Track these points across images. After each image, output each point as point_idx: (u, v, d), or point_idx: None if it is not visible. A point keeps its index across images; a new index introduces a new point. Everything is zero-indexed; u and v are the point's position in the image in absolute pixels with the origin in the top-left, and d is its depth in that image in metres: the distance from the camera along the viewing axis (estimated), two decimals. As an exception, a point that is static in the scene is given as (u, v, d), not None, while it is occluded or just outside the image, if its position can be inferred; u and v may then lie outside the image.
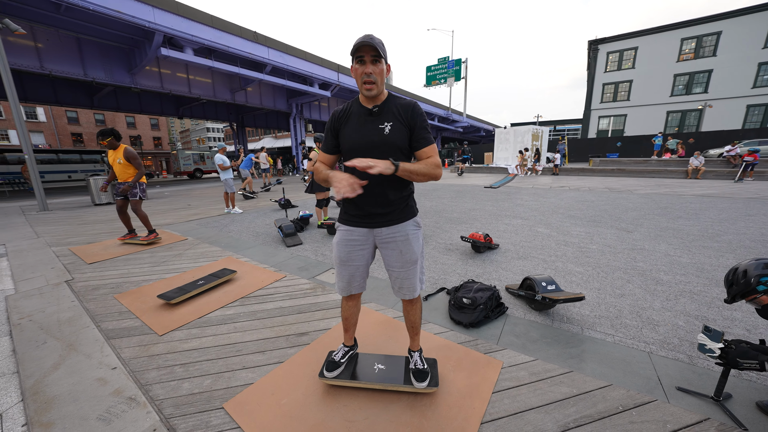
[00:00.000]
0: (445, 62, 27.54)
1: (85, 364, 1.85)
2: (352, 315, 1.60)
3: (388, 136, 1.29)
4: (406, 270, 1.42)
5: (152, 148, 38.11)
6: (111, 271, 3.36)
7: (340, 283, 1.51)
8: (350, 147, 1.34)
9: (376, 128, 1.30)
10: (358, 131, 1.32)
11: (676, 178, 12.57)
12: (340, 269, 1.47)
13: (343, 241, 1.44)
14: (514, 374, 1.71)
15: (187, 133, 78.06)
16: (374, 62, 1.22)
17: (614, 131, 24.54)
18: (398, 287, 1.48)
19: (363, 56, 1.21)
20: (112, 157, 4.06)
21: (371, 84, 1.24)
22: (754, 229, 4.53)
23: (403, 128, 1.31)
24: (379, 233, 1.40)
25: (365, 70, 1.23)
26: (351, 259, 1.44)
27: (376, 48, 1.19)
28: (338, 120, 1.38)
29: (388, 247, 1.41)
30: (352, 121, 1.35)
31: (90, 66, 12.78)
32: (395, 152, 1.31)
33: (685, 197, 7.70)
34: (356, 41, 1.23)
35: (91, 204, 8.90)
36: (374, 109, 1.30)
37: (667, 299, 2.50)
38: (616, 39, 23.65)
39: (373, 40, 1.20)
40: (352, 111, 1.36)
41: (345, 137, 1.36)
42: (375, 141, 1.30)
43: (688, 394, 1.56)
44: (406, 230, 1.39)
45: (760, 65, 19.38)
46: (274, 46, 16.13)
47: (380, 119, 1.31)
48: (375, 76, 1.24)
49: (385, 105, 1.32)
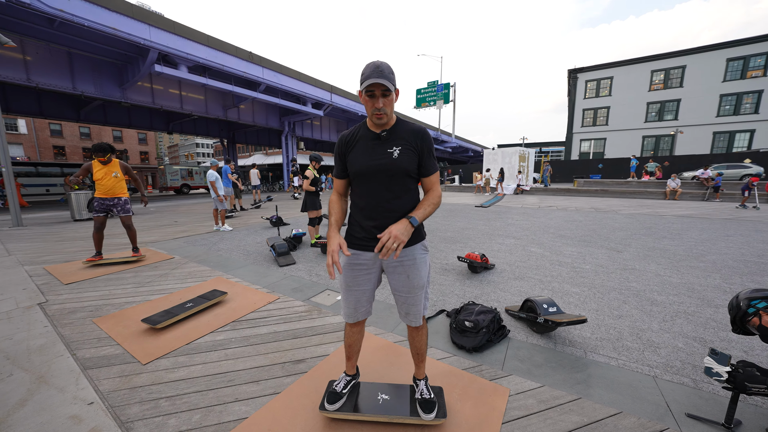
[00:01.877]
0: (435, 86, 28.68)
1: (58, 399, 1.68)
2: (355, 342, 1.52)
3: (397, 160, 1.28)
4: (414, 295, 1.38)
5: (138, 163, 37.34)
6: (90, 293, 3.15)
7: (346, 309, 1.44)
8: (357, 171, 1.33)
9: (385, 152, 1.29)
10: (366, 155, 1.31)
11: (655, 198, 13.15)
12: (347, 294, 1.41)
13: (349, 266, 1.38)
14: (523, 402, 1.65)
15: (176, 148, 77.28)
16: (384, 95, 1.22)
17: (595, 153, 25.78)
18: (405, 313, 1.43)
19: (373, 91, 1.20)
20: (104, 170, 3.94)
21: (381, 115, 1.25)
22: (734, 249, 4.72)
23: (413, 153, 1.30)
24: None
25: (376, 104, 1.22)
26: (357, 283, 1.39)
27: (386, 84, 1.18)
28: (345, 145, 1.37)
29: (396, 272, 1.37)
30: (360, 145, 1.33)
31: (80, 80, 12.65)
32: (403, 176, 1.30)
33: (666, 218, 8.01)
34: (365, 74, 1.20)
35: (70, 219, 8.51)
36: (382, 134, 1.30)
37: (664, 320, 2.52)
38: (593, 69, 25.39)
39: (382, 76, 1.18)
40: (360, 135, 1.35)
41: (352, 162, 1.34)
42: (383, 164, 1.28)
43: (699, 421, 1.53)
44: (414, 254, 1.35)
45: (722, 96, 21.09)
46: (268, 66, 16.48)
47: (388, 144, 1.30)
48: (385, 109, 1.24)
49: (393, 130, 1.32)
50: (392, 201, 1.31)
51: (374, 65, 1.20)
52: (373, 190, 1.31)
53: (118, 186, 4.03)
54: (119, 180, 4.02)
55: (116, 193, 4.04)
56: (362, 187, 1.34)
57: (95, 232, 4.02)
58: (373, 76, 1.18)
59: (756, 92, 20.14)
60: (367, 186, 1.32)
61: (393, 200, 1.31)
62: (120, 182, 4.04)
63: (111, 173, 3.95)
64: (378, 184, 1.30)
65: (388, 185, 1.30)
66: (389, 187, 1.30)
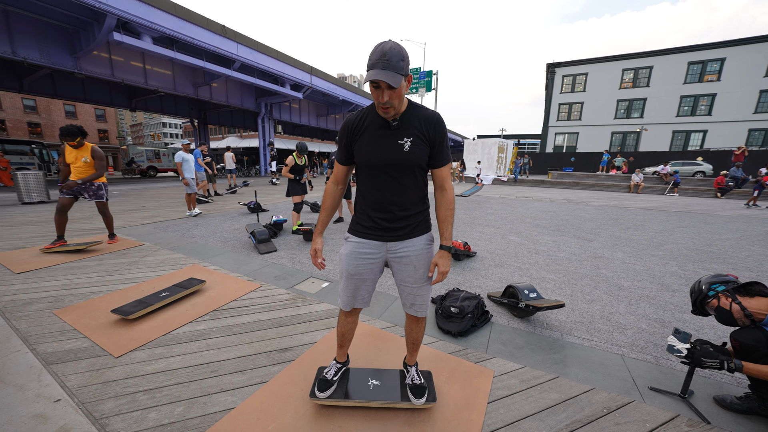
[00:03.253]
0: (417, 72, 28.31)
1: (17, 398, 1.54)
2: (349, 331, 1.50)
3: (408, 153, 1.19)
4: (420, 286, 1.35)
5: (97, 142, 34.20)
6: (48, 282, 2.89)
7: (344, 297, 1.40)
8: (366, 162, 1.25)
9: (395, 144, 1.19)
10: (375, 145, 1.21)
11: (621, 191, 14.06)
12: (347, 282, 1.37)
13: (353, 254, 1.33)
14: (506, 383, 1.73)
15: (140, 127, 71.54)
16: (391, 87, 1.08)
17: (568, 147, 26.94)
18: (410, 303, 1.39)
19: (378, 83, 1.08)
20: (74, 154, 3.69)
21: (388, 108, 1.13)
22: (687, 239, 5.17)
23: (424, 144, 1.21)
24: (392, 247, 1.32)
25: (381, 99, 1.10)
26: (360, 273, 1.34)
27: (390, 82, 1.04)
28: (352, 131, 1.26)
29: (401, 263, 1.33)
30: (369, 133, 1.23)
31: (20, 44, 11.12)
32: (412, 170, 1.23)
33: (630, 209, 8.61)
34: (369, 63, 1.06)
35: (17, 202, 7.69)
36: (394, 122, 1.19)
37: (630, 304, 2.73)
38: (570, 64, 26.17)
39: (388, 67, 1.03)
40: (369, 121, 1.23)
41: (360, 151, 1.25)
42: (393, 158, 1.20)
43: (660, 393, 1.69)
44: (421, 245, 1.32)
45: (682, 98, 22.61)
46: (244, 42, 15.43)
47: (400, 133, 1.19)
48: (392, 102, 1.11)
49: (405, 117, 1.20)
50: (401, 194, 1.26)
51: (380, 51, 1.05)
52: (381, 183, 1.25)
53: (87, 171, 3.78)
54: (89, 165, 3.78)
55: (84, 177, 3.76)
56: (370, 179, 1.27)
57: (57, 215, 3.71)
58: (378, 67, 1.04)
59: (710, 95, 21.77)
60: (376, 178, 1.25)
61: (401, 193, 1.26)
62: (89, 167, 3.78)
63: (81, 158, 3.71)
64: (387, 177, 1.23)
65: (398, 178, 1.23)
66: (398, 180, 1.24)
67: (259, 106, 20.63)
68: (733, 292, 1.54)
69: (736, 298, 1.52)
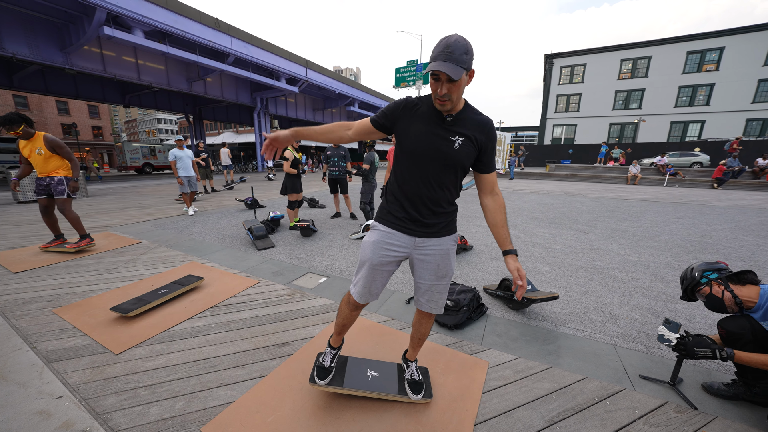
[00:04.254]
0: (414, 65, 28.01)
1: (20, 396, 1.56)
2: (350, 322, 1.49)
3: (457, 152, 1.17)
4: (440, 284, 1.34)
5: (91, 139, 33.85)
6: (46, 281, 2.90)
7: (360, 289, 1.35)
8: (412, 150, 1.21)
9: (446, 139, 1.17)
10: (426, 136, 1.18)
11: (618, 183, 14.11)
12: (368, 272, 1.31)
13: (379, 243, 1.29)
14: (500, 373, 1.77)
15: (134, 124, 70.73)
16: (451, 80, 1.06)
17: (566, 139, 26.89)
18: (426, 300, 1.37)
19: (438, 74, 1.06)
20: (28, 147, 3.36)
21: (445, 101, 1.11)
22: (683, 230, 5.22)
23: (473, 147, 1.19)
24: (420, 244, 1.30)
25: (439, 90, 1.08)
26: (383, 263, 1.30)
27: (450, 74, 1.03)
28: (405, 110, 1.22)
29: (426, 260, 1.31)
30: (421, 121, 1.19)
31: (9, 39, 10.91)
32: (456, 169, 1.21)
33: (627, 201, 8.65)
34: (433, 54, 1.05)
35: (13, 201, 7.64)
36: (448, 118, 1.17)
37: (623, 295, 2.77)
38: (568, 55, 25.94)
39: (450, 59, 1.02)
40: (423, 110, 1.20)
41: (408, 137, 1.21)
42: (442, 153, 1.17)
43: (650, 381, 1.73)
44: (447, 245, 1.32)
45: (680, 88, 22.52)
46: (237, 35, 15.19)
47: (452, 130, 1.17)
48: (450, 95, 1.09)
49: (460, 116, 1.18)
50: (438, 191, 1.23)
51: (444, 44, 1.04)
52: (422, 175, 1.21)
53: (47, 164, 3.44)
54: (46, 157, 3.41)
55: (47, 171, 3.47)
56: (411, 168, 1.23)
57: (43, 217, 3.62)
58: (439, 59, 1.03)
59: (709, 85, 21.68)
60: (418, 169, 1.21)
61: (439, 190, 1.23)
62: (48, 160, 3.43)
63: (34, 149, 3.36)
64: (430, 170, 1.20)
65: (440, 174, 1.21)
66: (440, 176, 1.21)
67: (254, 101, 20.42)
68: (726, 280, 1.57)
69: (728, 286, 1.55)
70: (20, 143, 3.40)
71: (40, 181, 3.52)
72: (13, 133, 3.25)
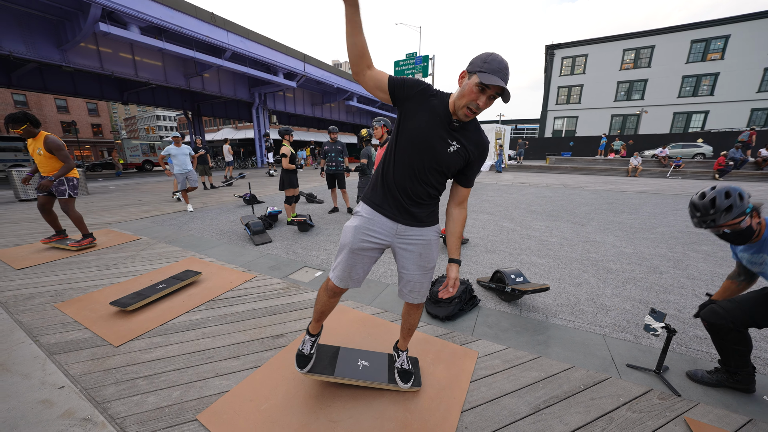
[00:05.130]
0: (413, 58, 27.71)
1: (23, 386, 1.62)
2: (328, 309, 1.49)
3: (450, 156, 1.20)
4: (422, 274, 1.37)
5: (91, 136, 33.84)
6: (48, 277, 2.95)
7: (339, 273, 1.35)
8: (410, 134, 1.20)
9: (444, 141, 1.19)
10: (428, 129, 1.18)
11: (619, 175, 14.03)
12: (347, 257, 1.33)
13: (362, 229, 1.30)
14: (489, 363, 1.81)
15: (134, 121, 70.55)
16: (490, 98, 1.10)
17: (567, 131, 26.67)
18: (409, 290, 1.41)
19: (490, 88, 1.07)
20: (32, 146, 3.44)
21: (473, 114, 1.14)
22: (680, 222, 5.22)
23: (464, 158, 1.23)
24: (403, 232, 1.32)
25: (480, 102, 1.10)
26: (363, 249, 1.31)
27: (505, 92, 1.08)
28: (422, 95, 1.20)
29: (408, 250, 1.33)
30: (430, 113, 1.19)
31: (5, 37, 10.83)
32: (443, 171, 1.23)
33: (627, 193, 8.63)
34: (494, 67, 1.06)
35: (14, 199, 7.71)
36: (455, 122, 1.18)
37: (616, 286, 2.80)
38: (569, 45, 25.57)
39: (506, 80, 1.07)
40: (436, 103, 1.19)
41: (413, 121, 1.20)
42: (435, 151, 1.19)
43: (636, 369, 1.77)
44: (429, 236, 1.34)
45: (684, 78, 22.20)
46: (234, 30, 15.05)
47: (453, 135, 1.19)
48: (481, 109, 1.13)
49: (465, 125, 1.20)
50: (420, 187, 1.25)
51: (502, 62, 1.07)
52: (411, 165, 1.22)
53: (48, 164, 3.49)
54: (46, 158, 3.46)
55: (48, 171, 3.53)
56: (402, 156, 1.23)
57: (42, 214, 3.67)
58: (499, 75, 1.05)
59: (713, 75, 21.36)
60: (408, 157, 1.22)
61: (421, 186, 1.25)
62: (48, 160, 3.47)
63: (35, 149, 3.42)
64: (418, 163, 1.21)
65: (427, 170, 1.22)
66: (426, 172, 1.23)
67: (252, 97, 20.30)
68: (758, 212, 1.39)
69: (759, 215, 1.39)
70: (27, 142, 3.47)
71: (41, 178, 3.56)
72: (17, 131, 3.31)
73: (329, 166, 5.60)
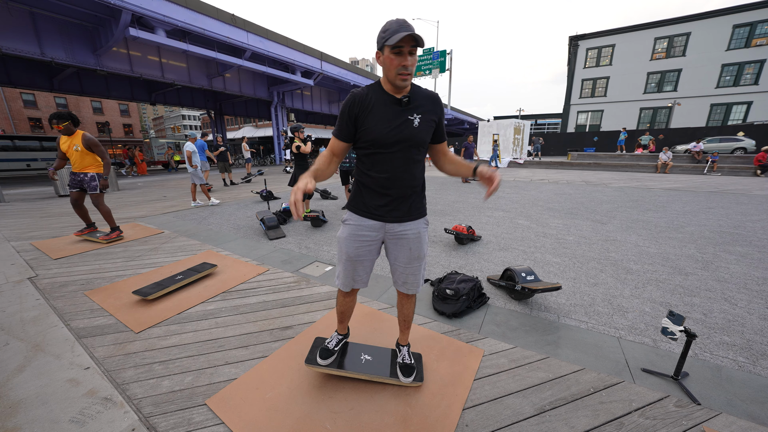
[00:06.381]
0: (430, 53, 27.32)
1: (54, 365, 1.75)
2: (348, 309, 1.57)
3: (417, 129, 1.23)
4: (413, 266, 1.39)
5: (122, 136, 35.87)
6: (80, 267, 3.17)
7: (343, 279, 1.43)
8: (377, 139, 1.23)
9: (405, 120, 1.22)
10: (386, 122, 1.21)
11: (646, 172, 13.26)
12: (346, 265, 1.40)
13: (352, 237, 1.35)
14: (495, 361, 1.77)
15: (161, 121, 74.00)
16: (411, 53, 1.13)
17: (591, 126, 25.46)
18: (402, 281, 1.44)
19: (403, 47, 1.10)
20: (67, 143, 3.69)
21: (407, 75, 1.15)
22: (713, 221, 4.88)
23: (431, 122, 1.27)
24: (391, 228, 1.34)
25: (404, 62, 1.12)
26: (359, 255, 1.37)
27: (417, 39, 1.09)
28: (360, 106, 1.23)
29: (398, 243, 1.36)
30: (378, 110, 1.22)
31: (47, 44, 11.70)
32: (419, 147, 1.26)
33: (654, 190, 8.15)
34: (392, 29, 1.11)
35: (54, 195, 8.32)
36: (404, 99, 1.21)
37: (636, 287, 2.66)
38: (595, 36, 24.31)
39: (412, 29, 1.10)
40: (375, 99, 1.23)
41: (370, 128, 1.23)
42: (405, 134, 1.22)
43: (652, 374, 1.68)
44: (418, 228, 1.36)
45: (723, 66, 20.56)
46: (253, 30, 15.42)
47: (410, 110, 1.23)
48: (411, 68, 1.14)
49: (413, 95, 1.24)
50: (409, 171, 1.28)
51: (397, 22, 1.12)
52: (393, 161, 1.25)
53: (83, 161, 3.74)
54: (82, 154, 3.70)
55: (82, 167, 3.78)
56: (380, 157, 1.26)
57: (74, 209, 3.95)
58: (403, 29, 1.09)
59: (758, 62, 19.64)
60: (387, 156, 1.25)
61: (410, 170, 1.28)
62: (84, 156, 3.72)
63: (72, 146, 3.67)
64: (397, 154, 1.24)
65: (408, 155, 1.26)
66: (408, 157, 1.26)
67: (271, 95, 20.77)
68: None
69: None
70: (61, 139, 3.74)
71: (74, 176, 3.84)
72: (58, 127, 3.61)
73: (342, 162, 5.66)
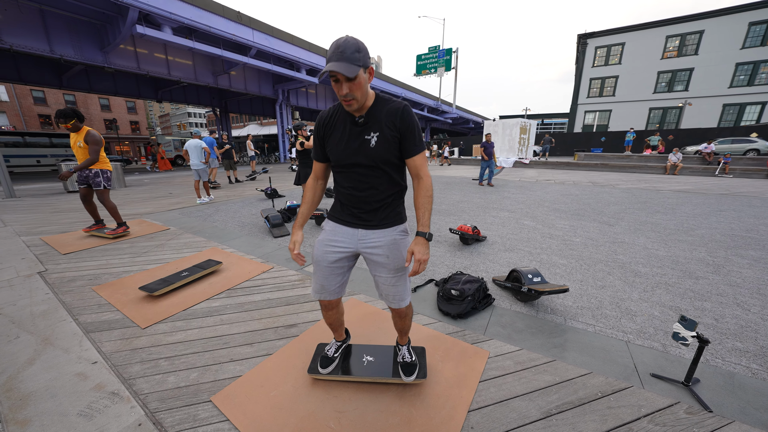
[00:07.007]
0: (436, 51, 27.16)
1: (63, 359, 1.78)
2: (334, 321, 1.54)
3: (374, 149, 1.18)
4: (394, 277, 1.34)
5: (129, 133, 36.30)
6: (88, 262, 3.21)
7: (313, 285, 1.43)
8: (336, 160, 1.25)
9: (362, 140, 1.19)
10: (344, 143, 1.21)
11: (655, 173, 13.06)
12: (316, 269, 1.39)
13: (325, 242, 1.36)
14: (500, 363, 1.76)
15: (167, 118, 74.62)
16: (349, 80, 1.07)
17: (599, 126, 25.13)
18: (384, 294, 1.39)
19: (335, 75, 1.06)
20: (74, 139, 3.69)
21: (350, 101, 1.12)
22: (724, 224, 4.78)
23: (392, 139, 1.19)
24: (363, 237, 1.32)
25: (340, 91, 1.09)
26: (327, 260, 1.35)
27: (344, 73, 1.03)
28: (324, 127, 1.27)
29: (373, 254, 1.33)
30: (338, 130, 1.23)
31: (57, 42, 11.86)
32: (379, 166, 1.21)
33: (663, 192, 8.02)
34: (327, 57, 1.08)
35: (63, 191, 8.44)
36: (360, 119, 1.18)
37: (645, 290, 2.62)
38: (604, 34, 23.94)
39: (342, 58, 1.04)
40: (339, 117, 1.24)
41: (330, 149, 1.26)
42: (361, 155, 1.19)
43: (662, 380, 1.65)
44: (392, 236, 1.31)
45: (737, 65, 20.12)
46: (259, 27, 15.45)
47: (367, 129, 1.19)
48: (353, 94, 1.10)
49: (372, 112, 1.18)
50: (369, 190, 1.25)
51: (335, 45, 1.06)
52: (351, 180, 1.26)
53: (85, 155, 3.73)
54: (85, 149, 3.70)
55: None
56: (345, 175, 1.28)
57: (83, 204, 3.99)
58: (333, 59, 1.05)
59: (773, 61, 19.18)
60: (346, 175, 1.27)
61: (370, 189, 1.25)
62: (86, 152, 3.70)
63: (77, 142, 3.67)
64: (356, 174, 1.24)
65: (366, 175, 1.23)
66: (367, 177, 1.24)
67: (276, 93, 20.83)
68: None
69: None
70: (72, 135, 3.75)
71: (80, 172, 3.86)
72: (66, 126, 3.58)
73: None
